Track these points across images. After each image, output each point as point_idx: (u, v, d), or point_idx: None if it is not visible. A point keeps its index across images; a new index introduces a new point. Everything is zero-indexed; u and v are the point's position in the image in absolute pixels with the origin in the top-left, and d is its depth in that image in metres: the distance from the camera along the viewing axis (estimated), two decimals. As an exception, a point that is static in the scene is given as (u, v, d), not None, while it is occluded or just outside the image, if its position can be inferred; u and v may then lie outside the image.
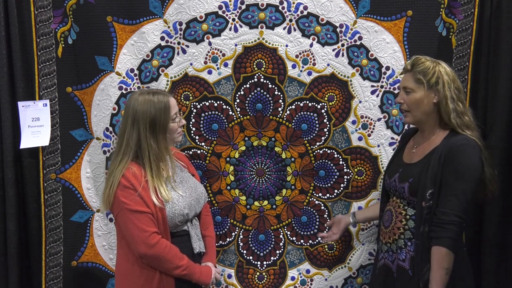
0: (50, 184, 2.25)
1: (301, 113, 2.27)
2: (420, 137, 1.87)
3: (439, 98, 1.74)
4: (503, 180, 2.23)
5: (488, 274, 2.27)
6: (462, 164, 1.66)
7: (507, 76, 2.19)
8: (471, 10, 2.19)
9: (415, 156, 1.83)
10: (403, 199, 1.81)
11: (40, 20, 2.18)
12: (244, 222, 2.33)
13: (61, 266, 2.27)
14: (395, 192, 1.86)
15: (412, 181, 1.76)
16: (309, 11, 2.20)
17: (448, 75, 1.75)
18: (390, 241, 1.85)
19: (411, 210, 1.79)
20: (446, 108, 1.73)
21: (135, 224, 1.73)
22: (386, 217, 1.89)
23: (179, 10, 2.19)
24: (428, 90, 1.75)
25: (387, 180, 1.93)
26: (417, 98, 1.76)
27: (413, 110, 1.79)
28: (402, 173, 1.83)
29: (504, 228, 2.25)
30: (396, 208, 1.84)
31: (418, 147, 1.85)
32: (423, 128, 1.84)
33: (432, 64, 1.77)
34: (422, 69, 1.76)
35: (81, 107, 2.26)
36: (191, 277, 1.83)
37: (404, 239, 1.80)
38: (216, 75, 2.24)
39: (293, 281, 2.35)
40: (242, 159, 2.30)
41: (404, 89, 1.80)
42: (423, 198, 1.70)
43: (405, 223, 1.79)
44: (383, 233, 1.90)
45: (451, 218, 1.63)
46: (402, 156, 1.92)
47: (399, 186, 1.81)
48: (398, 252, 1.81)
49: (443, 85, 1.73)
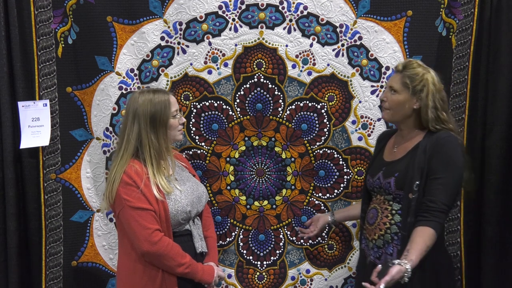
0: (50, 184, 2.25)
1: (301, 113, 2.27)
2: (399, 137, 1.92)
3: (421, 105, 1.79)
4: (502, 180, 2.23)
5: (488, 274, 2.27)
6: (449, 155, 1.72)
7: (507, 76, 2.20)
8: (471, 10, 2.20)
9: (397, 154, 1.88)
10: (389, 194, 1.84)
11: (40, 20, 2.18)
12: (244, 222, 2.33)
13: (61, 266, 2.27)
14: (380, 190, 1.89)
15: (398, 175, 1.79)
16: (309, 11, 2.20)
17: (435, 85, 1.80)
18: (376, 237, 1.86)
19: (397, 205, 1.81)
20: (425, 116, 1.78)
21: (138, 221, 1.73)
22: (371, 215, 1.91)
23: (179, 10, 2.19)
24: (411, 95, 1.80)
25: (369, 180, 1.96)
26: (400, 100, 1.81)
27: (393, 110, 1.84)
28: (386, 170, 1.86)
29: (504, 227, 2.25)
30: (381, 204, 1.87)
31: (399, 146, 1.89)
32: (401, 128, 1.89)
33: (422, 71, 1.81)
34: (411, 74, 1.81)
35: (81, 107, 2.26)
36: (194, 275, 1.82)
37: (391, 233, 1.81)
38: (216, 75, 2.24)
39: (293, 281, 2.35)
40: (242, 159, 2.30)
41: (390, 88, 1.85)
42: (410, 190, 1.74)
43: (391, 218, 1.82)
44: (368, 230, 1.92)
45: (439, 206, 1.68)
46: (383, 156, 1.96)
47: (384, 182, 1.85)
48: (385, 247, 1.83)
49: (427, 93, 1.78)
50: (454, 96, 2.24)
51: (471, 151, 2.26)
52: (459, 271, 2.30)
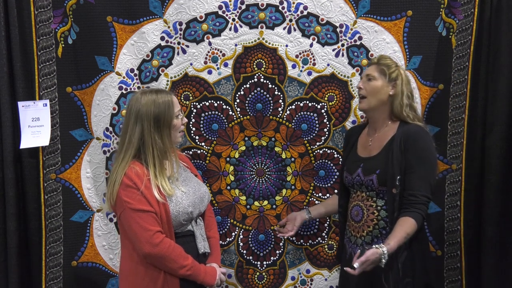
0: (50, 184, 2.25)
1: (301, 113, 2.27)
2: (372, 130, 1.99)
3: (396, 92, 1.91)
4: (502, 180, 2.23)
5: (488, 274, 2.27)
6: (422, 149, 1.82)
7: (507, 76, 2.19)
8: (471, 10, 2.20)
9: (373, 149, 1.94)
10: (372, 191, 1.90)
11: (40, 20, 2.18)
12: (244, 222, 2.33)
13: (61, 266, 2.27)
14: (361, 186, 1.94)
15: (380, 172, 1.85)
16: (309, 11, 2.20)
17: (407, 77, 1.95)
18: (365, 234, 1.91)
19: (381, 201, 1.88)
20: (401, 102, 1.90)
21: (139, 223, 1.72)
22: (355, 212, 1.96)
23: (179, 10, 2.19)
24: (388, 81, 1.91)
25: (347, 177, 2.00)
26: (377, 85, 1.92)
27: (370, 96, 1.92)
28: (365, 166, 1.92)
29: (504, 227, 2.25)
30: (365, 201, 1.92)
31: (373, 140, 1.96)
32: (374, 120, 1.97)
33: (396, 63, 1.97)
34: (386, 63, 1.94)
35: (81, 107, 2.26)
36: (196, 277, 1.81)
37: (379, 229, 1.88)
38: (216, 75, 2.24)
39: (293, 281, 2.35)
40: (242, 159, 2.30)
41: (367, 76, 1.95)
42: (393, 186, 1.81)
43: (377, 214, 1.88)
44: (354, 227, 1.96)
45: (420, 199, 1.78)
46: (357, 152, 2.01)
47: (366, 179, 1.90)
48: (374, 242, 1.88)
49: (401, 81, 1.91)
50: (454, 96, 2.24)
51: (471, 151, 2.27)
52: (459, 271, 2.30)
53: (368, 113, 1.98)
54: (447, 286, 2.31)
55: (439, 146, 2.14)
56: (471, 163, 2.27)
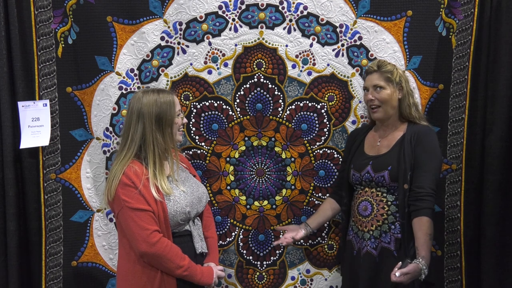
0: (50, 184, 2.25)
1: (301, 113, 2.27)
2: (381, 131, 2.06)
3: (403, 94, 1.99)
4: (502, 180, 2.23)
5: (488, 274, 2.27)
6: (430, 145, 1.91)
7: (507, 76, 2.19)
8: (471, 10, 2.20)
9: (382, 148, 2.01)
10: (383, 187, 1.95)
11: (40, 20, 2.18)
12: (244, 222, 2.33)
13: (61, 266, 2.27)
14: (370, 183, 1.99)
15: (392, 169, 1.92)
16: (309, 11, 2.20)
17: (405, 75, 2.05)
18: (373, 228, 1.96)
19: (391, 196, 1.94)
20: (409, 102, 1.99)
21: (136, 222, 1.73)
22: (363, 207, 2.00)
23: (179, 10, 2.19)
24: (395, 87, 1.98)
25: (355, 174, 2.04)
26: (389, 93, 1.98)
27: (385, 105, 1.99)
28: (375, 164, 1.97)
29: (504, 228, 2.25)
30: (375, 197, 1.97)
31: (383, 139, 2.03)
32: (388, 123, 2.03)
33: (393, 64, 2.04)
34: (388, 69, 1.99)
35: (81, 107, 2.26)
36: (193, 278, 1.81)
37: (388, 223, 1.94)
38: (216, 75, 2.24)
39: (293, 281, 2.35)
40: (242, 159, 2.30)
41: (374, 86, 1.99)
42: (405, 181, 1.88)
43: (388, 209, 1.94)
44: (362, 222, 2.00)
45: (427, 191, 1.84)
46: (364, 151, 2.06)
47: (377, 176, 1.95)
48: (382, 236, 1.93)
49: (405, 82, 2.00)
50: (454, 96, 2.24)
51: (471, 151, 2.27)
52: (459, 271, 2.30)
53: (384, 119, 2.02)
54: (447, 286, 2.31)
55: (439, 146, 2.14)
56: (471, 163, 2.28)
